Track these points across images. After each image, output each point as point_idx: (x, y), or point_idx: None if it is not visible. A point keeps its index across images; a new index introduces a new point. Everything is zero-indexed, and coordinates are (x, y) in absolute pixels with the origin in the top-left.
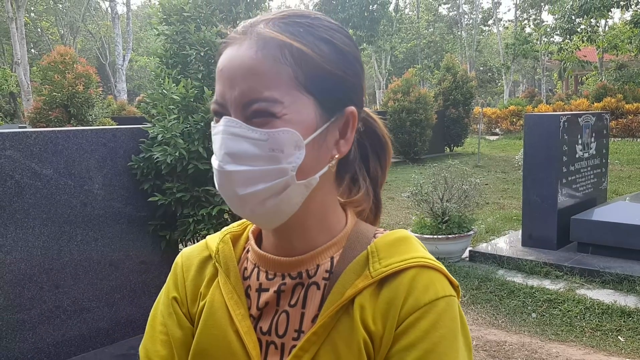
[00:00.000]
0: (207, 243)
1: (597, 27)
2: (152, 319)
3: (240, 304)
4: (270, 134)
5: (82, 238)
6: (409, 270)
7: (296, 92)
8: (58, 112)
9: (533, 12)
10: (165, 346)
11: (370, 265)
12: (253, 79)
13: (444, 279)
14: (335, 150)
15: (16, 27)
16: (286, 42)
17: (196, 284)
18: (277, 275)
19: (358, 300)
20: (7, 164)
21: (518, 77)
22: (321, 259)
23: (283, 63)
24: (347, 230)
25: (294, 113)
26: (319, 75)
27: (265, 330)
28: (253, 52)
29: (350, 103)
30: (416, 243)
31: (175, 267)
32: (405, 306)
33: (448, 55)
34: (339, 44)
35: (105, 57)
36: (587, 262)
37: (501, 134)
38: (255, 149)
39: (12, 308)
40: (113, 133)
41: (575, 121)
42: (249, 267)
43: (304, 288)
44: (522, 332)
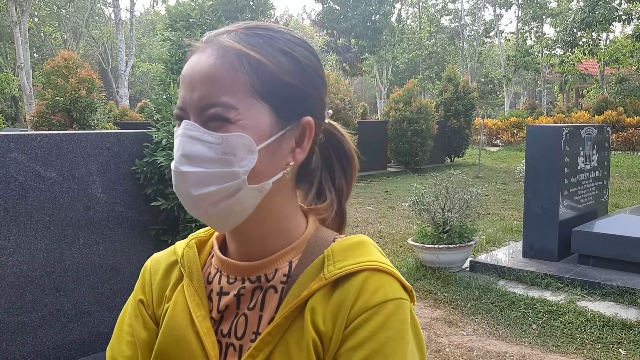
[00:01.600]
0: (174, 248)
1: (598, 40)
2: (120, 320)
3: (202, 306)
4: (224, 137)
5: (85, 241)
6: (361, 272)
7: (252, 100)
8: (60, 117)
9: (535, 24)
10: (131, 347)
11: (325, 268)
12: (211, 84)
13: (396, 282)
14: (290, 158)
15: (20, 31)
16: (244, 51)
17: (162, 287)
18: (237, 280)
19: (310, 302)
20: (12, 166)
21: (519, 89)
22: (280, 263)
23: (240, 71)
24: (306, 236)
25: (248, 119)
26: (275, 85)
27: (226, 332)
28: (213, 59)
29: (307, 113)
30: (372, 247)
31: (143, 271)
32: (355, 307)
33: (450, 66)
34: (298, 56)
35: (108, 63)
36: (588, 274)
37: (502, 145)
38: (209, 151)
39: (14, 310)
40: (117, 137)
41: (577, 133)
42: (212, 271)
43: (263, 291)
44: (523, 343)
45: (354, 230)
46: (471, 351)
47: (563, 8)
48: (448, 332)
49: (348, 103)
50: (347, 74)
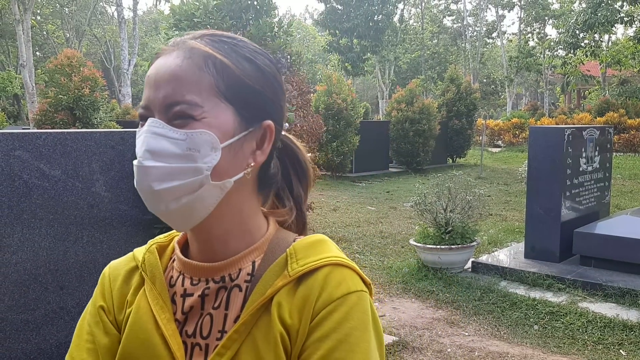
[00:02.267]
0: (134, 254)
1: (600, 42)
2: (79, 328)
3: (166, 308)
4: (189, 134)
5: (88, 240)
6: (324, 268)
7: (216, 99)
8: (63, 115)
9: (537, 25)
10: (91, 354)
11: (288, 265)
12: (177, 83)
13: (356, 276)
14: (251, 159)
15: (22, 29)
16: (210, 53)
17: (122, 292)
18: (201, 281)
19: (276, 298)
20: (16, 164)
21: (521, 90)
22: (243, 263)
23: (206, 72)
24: (268, 236)
25: (212, 117)
26: (238, 87)
27: (191, 333)
28: (180, 60)
29: (268, 117)
30: (331, 245)
31: (102, 278)
32: (320, 300)
33: (452, 67)
34: (260, 63)
35: (110, 62)
36: (589, 276)
37: (503, 146)
38: (174, 147)
39: (17, 308)
40: (121, 136)
41: (579, 135)
42: (174, 275)
43: (227, 291)
44: (524, 343)
45: (356, 230)
46: (473, 351)
47: (565, 9)
48: (450, 332)
49: (350, 103)
50: (349, 74)
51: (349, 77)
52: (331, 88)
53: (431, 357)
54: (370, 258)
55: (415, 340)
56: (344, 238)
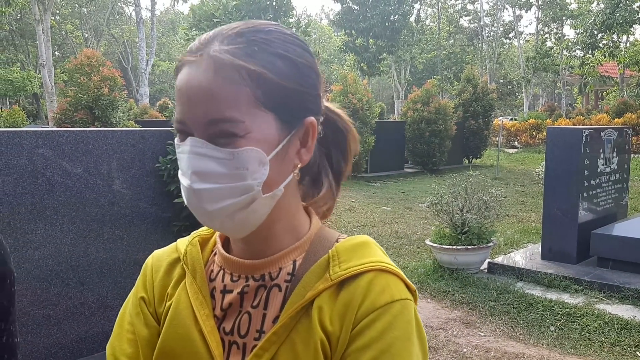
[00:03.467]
0: (177, 246)
1: (619, 42)
2: (121, 317)
3: (205, 304)
4: (235, 153)
5: (109, 236)
6: (367, 273)
7: (256, 111)
8: (83, 114)
9: (555, 26)
10: (132, 345)
11: (330, 268)
12: (213, 101)
13: (401, 282)
14: (297, 160)
15: (42, 29)
16: (241, 64)
17: (164, 284)
18: (241, 277)
19: (317, 301)
20: (40, 161)
21: (538, 90)
22: (284, 262)
23: (241, 84)
24: (310, 235)
25: (256, 131)
26: (276, 92)
27: (228, 330)
28: (211, 75)
29: (309, 113)
30: (376, 248)
31: (144, 268)
32: (362, 308)
33: (469, 67)
34: (293, 57)
35: (128, 61)
36: (606, 277)
37: (520, 147)
38: (221, 167)
39: (39, 303)
40: (142, 135)
41: (597, 135)
42: (215, 269)
43: (267, 290)
44: (541, 344)
45: (371, 230)
46: (489, 352)
47: (583, 10)
48: (465, 332)
49: (366, 103)
50: (365, 74)
51: (364, 77)
52: (347, 88)
53: (447, 357)
54: None
55: (431, 340)
56: None
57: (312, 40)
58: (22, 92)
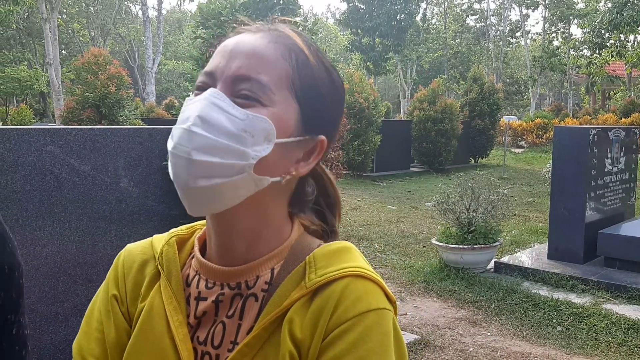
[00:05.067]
0: (152, 242)
1: (626, 42)
2: (89, 314)
3: (179, 310)
4: (250, 116)
5: (116, 234)
6: (343, 279)
7: (287, 93)
8: (90, 112)
9: (562, 25)
10: (100, 344)
11: (306, 275)
12: (256, 59)
13: (379, 290)
14: (293, 168)
15: (49, 28)
16: (297, 44)
17: (137, 282)
18: (216, 285)
19: (290, 313)
20: (48, 159)
21: (545, 90)
22: (261, 270)
23: (287, 62)
24: (290, 242)
25: (279, 109)
26: (311, 90)
27: (202, 340)
28: (266, 41)
29: (324, 133)
30: (356, 254)
31: (116, 262)
32: (334, 317)
33: (475, 66)
34: (334, 77)
35: (134, 60)
36: (613, 277)
37: (526, 146)
38: (229, 124)
39: (46, 300)
40: (149, 132)
41: (605, 135)
42: (191, 273)
43: (242, 299)
44: (547, 344)
45: (377, 229)
46: (495, 351)
47: (591, 9)
48: (472, 332)
49: (372, 102)
50: (371, 73)
51: (370, 76)
52: (353, 87)
53: (453, 356)
54: (392, 257)
55: (437, 339)
56: (365, 237)
57: (318, 39)
58: (29, 91)
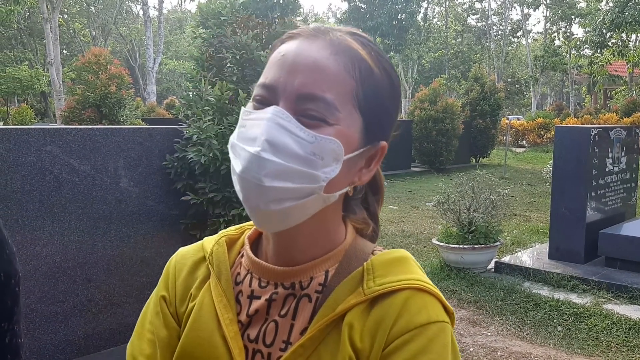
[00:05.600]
0: (203, 244)
1: (628, 41)
2: (143, 316)
3: (229, 308)
4: (318, 138)
5: (116, 234)
6: (403, 291)
7: (351, 107)
8: (90, 112)
9: (563, 24)
10: (151, 345)
11: (364, 282)
12: (321, 75)
13: (439, 304)
14: (357, 177)
15: (50, 27)
16: (360, 55)
17: (187, 284)
18: (269, 284)
19: (348, 317)
20: (47, 159)
21: (546, 89)
22: (316, 271)
23: (350, 75)
24: (345, 245)
25: (344, 126)
26: (374, 100)
27: (253, 337)
28: (327, 53)
29: (385, 138)
30: (414, 264)
31: (167, 266)
32: (396, 327)
33: (476, 66)
34: (394, 79)
35: (135, 60)
36: (614, 277)
37: (528, 146)
38: (297, 147)
39: (46, 300)
40: (149, 132)
41: (606, 135)
42: (242, 272)
43: (296, 299)
44: (548, 344)
45: None
46: (495, 351)
47: (592, 8)
48: (472, 332)
49: None
50: None
51: None
52: None
53: None
54: None
55: None
56: None
57: None
58: (30, 91)
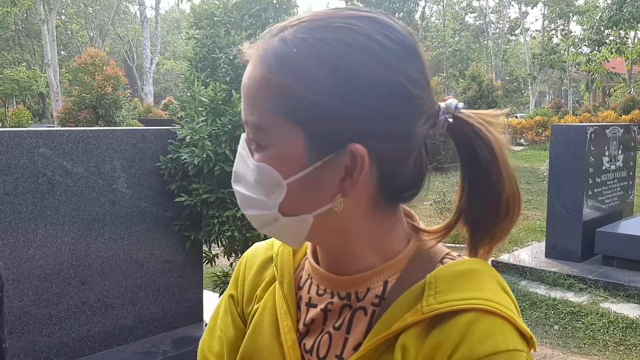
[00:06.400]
0: (274, 242)
1: (626, 39)
2: (215, 313)
3: (289, 315)
4: (255, 166)
5: (110, 236)
6: (468, 312)
7: (282, 123)
8: (87, 113)
9: (561, 22)
10: (220, 343)
11: (424, 298)
12: (246, 99)
13: (511, 328)
14: (339, 190)
15: (47, 29)
16: (271, 63)
17: (255, 283)
18: (326, 292)
19: (403, 337)
20: (40, 161)
21: (544, 87)
22: (373, 282)
23: (269, 89)
24: (407, 253)
25: (277, 146)
26: (307, 107)
27: (309, 348)
28: (250, 71)
29: (356, 139)
30: (488, 279)
31: (240, 263)
32: (455, 356)
33: (474, 64)
34: (345, 67)
35: (133, 60)
36: (611, 276)
37: (526, 144)
38: (248, 175)
39: (40, 302)
40: (142, 134)
41: (602, 133)
42: (304, 276)
43: (351, 311)
44: (544, 343)
45: None
46: None
47: (590, 6)
48: None
49: None
50: None
51: None
52: None
53: None
54: None
55: None
56: None
57: None
58: (28, 92)
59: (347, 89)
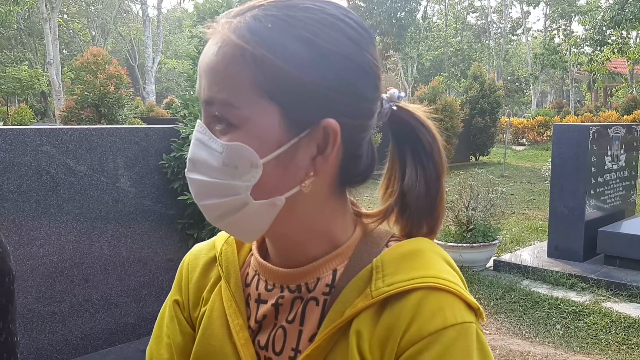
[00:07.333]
0: (215, 242)
1: (628, 38)
2: (160, 319)
3: (239, 313)
4: (225, 147)
5: (113, 234)
6: (416, 291)
7: (256, 99)
8: (89, 112)
9: (563, 22)
10: (169, 350)
11: (372, 282)
12: (211, 75)
13: (459, 302)
14: (311, 168)
15: (50, 27)
16: (249, 37)
17: (199, 286)
18: (275, 287)
19: (356, 323)
20: (44, 159)
21: (546, 87)
22: (322, 271)
23: (242, 64)
24: (354, 239)
25: (254, 123)
26: (284, 82)
27: (263, 344)
28: (216, 48)
29: (330, 114)
30: (432, 256)
31: (181, 266)
32: (407, 335)
33: (476, 64)
34: (321, 42)
35: (135, 59)
36: (614, 275)
37: (528, 144)
38: (212, 159)
39: (44, 300)
40: (145, 132)
41: (604, 132)
42: (250, 273)
43: (303, 303)
44: (546, 343)
45: None
46: (494, 350)
47: (592, 6)
48: None
49: None
50: None
51: None
52: None
53: None
54: None
55: None
56: None
57: None
58: (30, 90)
59: (325, 64)
